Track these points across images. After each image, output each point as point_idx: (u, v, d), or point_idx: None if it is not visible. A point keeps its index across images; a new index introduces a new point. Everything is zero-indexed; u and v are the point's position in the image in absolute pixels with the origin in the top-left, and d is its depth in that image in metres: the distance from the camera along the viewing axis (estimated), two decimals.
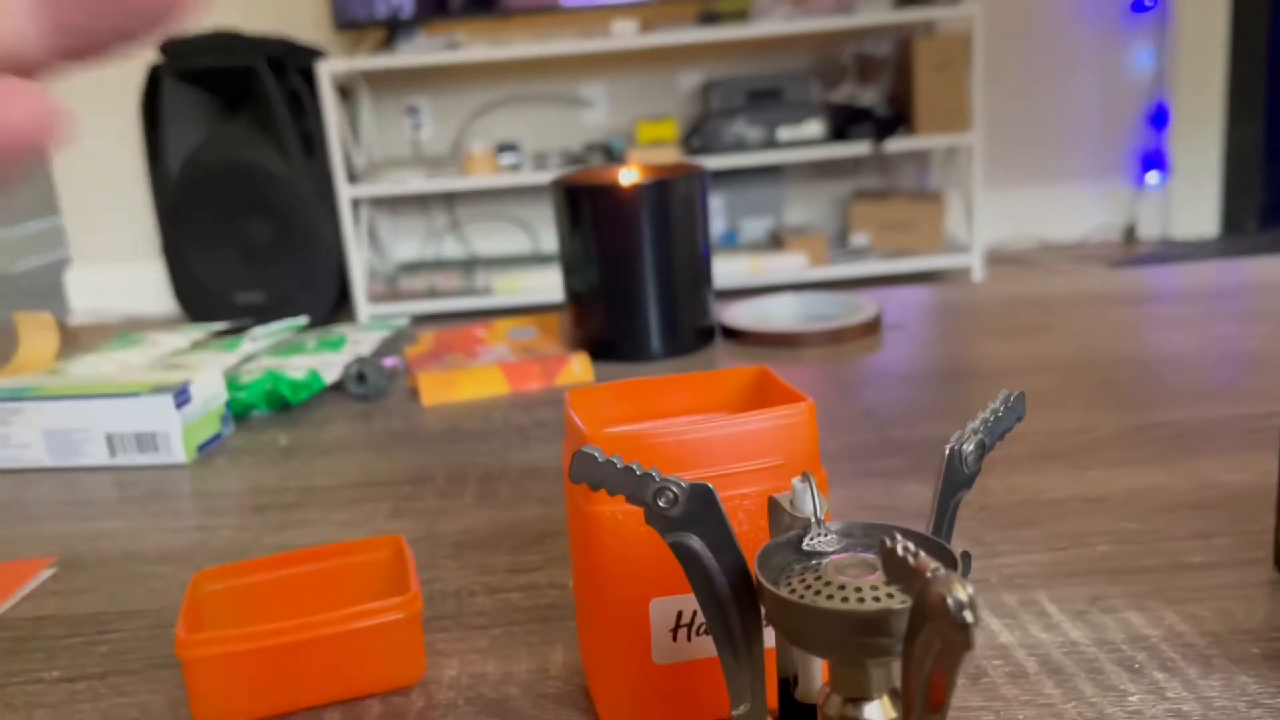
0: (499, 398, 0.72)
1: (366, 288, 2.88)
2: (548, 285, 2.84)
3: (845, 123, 2.97)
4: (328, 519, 0.54)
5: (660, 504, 0.26)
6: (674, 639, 0.34)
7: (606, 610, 0.33)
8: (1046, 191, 3.37)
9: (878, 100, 3.10)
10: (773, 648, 0.30)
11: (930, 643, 0.21)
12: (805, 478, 0.27)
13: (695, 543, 0.27)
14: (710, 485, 0.26)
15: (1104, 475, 0.51)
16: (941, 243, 3.09)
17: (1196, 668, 0.35)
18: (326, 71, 2.67)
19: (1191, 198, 3.35)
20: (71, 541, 0.53)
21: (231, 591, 0.41)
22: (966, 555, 0.25)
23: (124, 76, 3.15)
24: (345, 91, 3.03)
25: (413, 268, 3.10)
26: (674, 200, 0.76)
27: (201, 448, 0.63)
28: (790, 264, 2.91)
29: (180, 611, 0.37)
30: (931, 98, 2.95)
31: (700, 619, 0.33)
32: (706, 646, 0.34)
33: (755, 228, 3.24)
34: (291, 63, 2.77)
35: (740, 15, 2.95)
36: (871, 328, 0.81)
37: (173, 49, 2.72)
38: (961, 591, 0.20)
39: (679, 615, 0.33)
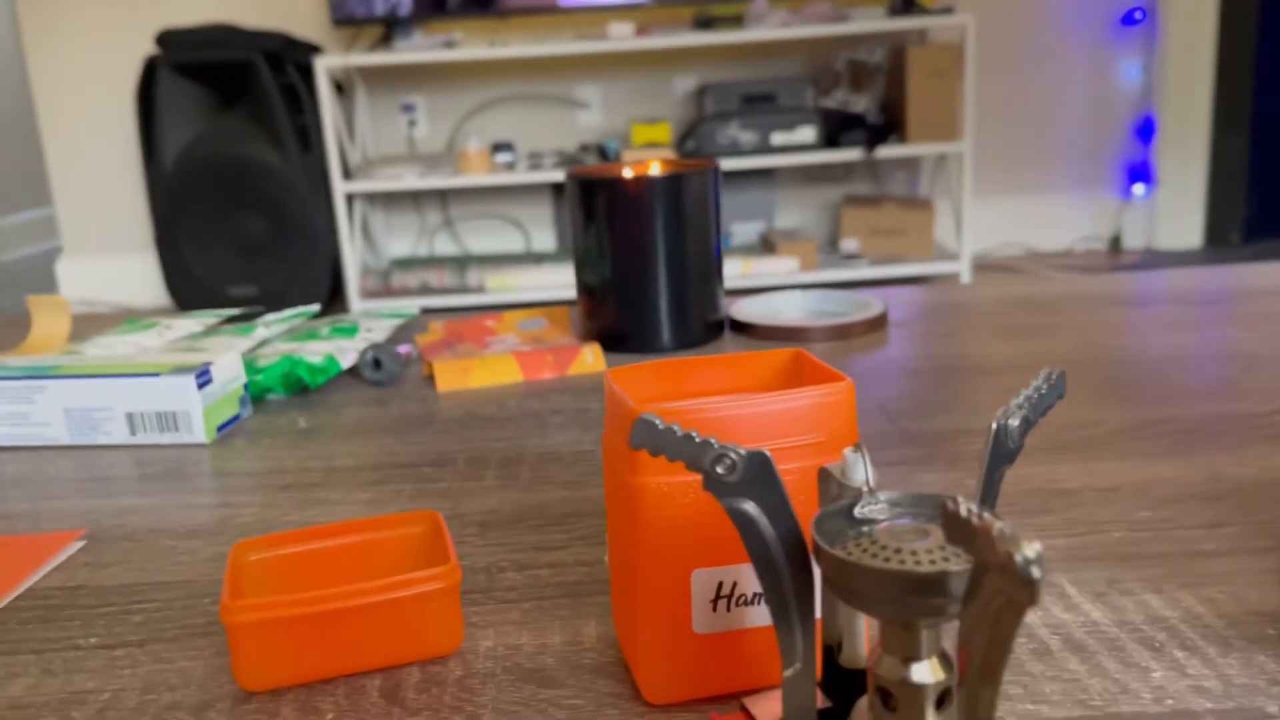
0: (512, 386, 0.73)
1: (360, 283, 2.88)
2: (540, 284, 2.85)
3: (838, 128, 2.99)
4: (352, 498, 0.55)
5: (719, 470, 0.27)
6: (714, 609, 0.34)
7: (648, 581, 0.34)
8: (1034, 201, 3.40)
9: (870, 107, 3.12)
10: (819, 617, 0.31)
11: (990, 602, 0.22)
12: (857, 448, 0.28)
13: (752, 508, 0.28)
14: (767, 452, 0.27)
15: (1114, 467, 0.53)
16: (931, 249, 3.11)
17: (1215, 647, 0.37)
18: (323, 67, 2.67)
19: (1176, 210, 3.39)
20: (97, 517, 0.54)
21: (270, 562, 0.41)
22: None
23: (120, 68, 3.14)
24: (341, 87, 3.03)
25: (406, 264, 3.10)
26: (688, 194, 0.77)
27: (221, 428, 0.64)
28: (781, 268, 2.93)
29: (225, 578, 0.38)
30: (923, 106, 2.98)
31: (740, 590, 0.34)
32: (745, 617, 0.35)
33: (746, 231, 3.26)
34: (289, 57, 2.77)
35: (736, 20, 2.97)
36: (878, 324, 0.83)
37: (170, 41, 2.72)
38: (1028, 547, 0.21)
39: (719, 586, 0.34)
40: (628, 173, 0.78)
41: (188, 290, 2.80)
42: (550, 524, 0.50)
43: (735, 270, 2.90)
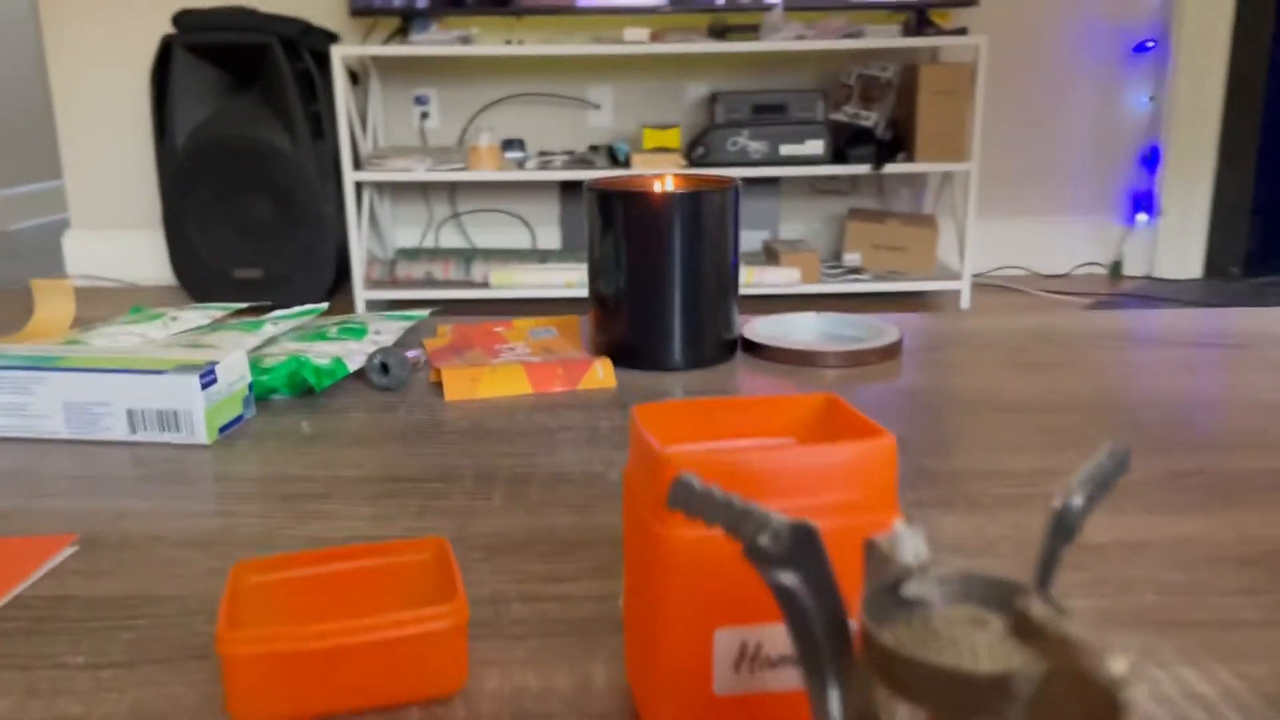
0: (521, 397, 0.72)
1: (365, 272, 2.86)
2: (544, 281, 2.83)
3: (846, 142, 2.98)
4: (354, 512, 0.53)
5: (762, 541, 0.26)
6: (736, 671, 0.33)
7: (670, 636, 0.33)
8: (1037, 223, 3.40)
9: (879, 122, 3.11)
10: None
11: (1064, 712, 0.21)
12: (909, 521, 0.27)
13: (793, 581, 0.26)
14: (813, 526, 0.26)
15: (1142, 520, 0.51)
16: (933, 267, 3.10)
17: None
18: (339, 55, 2.65)
19: (1178, 240, 3.38)
20: (92, 520, 0.52)
21: (271, 585, 0.40)
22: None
23: (136, 45, 3.12)
24: (356, 77, 3.01)
25: (411, 254, 3.08)
26: (707, 211, 0.76)
27: (223, 429, 0.62)
28: (782, 278, 2.91)
29: (221, 604, 0.36)
30: (932, 123, 2.97)
31: (765, 651, 0.33)
32: (768, 680, 0.33)
33: (750, 239, 3.24)
34: (305, 43, 2.75)
35: (750, 30, 2.95)
36: (892, 352, 0.81)
37: (187, 22, 2.70)
38: (1116, 664, 0.19)
39: (744, 646, 0.33)
40: (648, 186, 0.77)
41: (193, 270, 2.78)
42: (559, 552, 0.49)
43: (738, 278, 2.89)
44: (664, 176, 0.80)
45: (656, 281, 0.76)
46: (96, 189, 3.23)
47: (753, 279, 2.89)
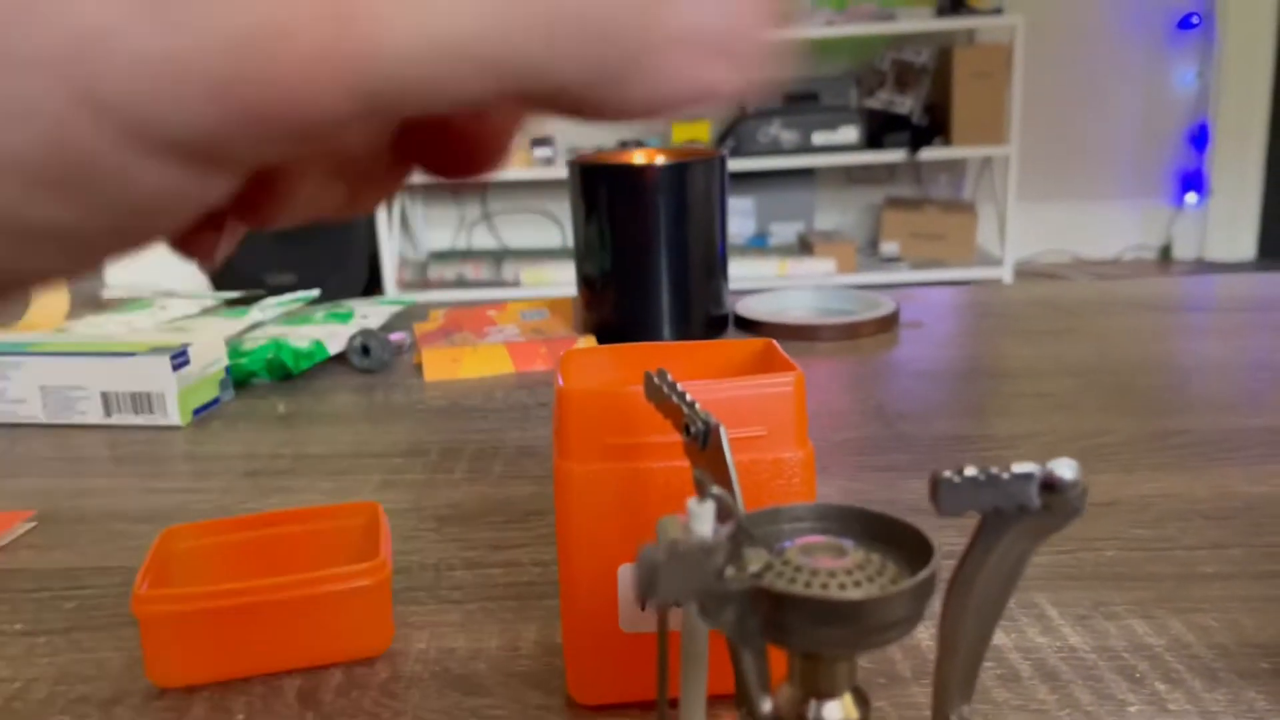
0: (503, 377, 0.71)
1: (397, 275, 2.89)
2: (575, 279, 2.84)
3: (881, 129, 2.94)
4: (315, 487, 0.53)
5: (693, 429, 0.25)
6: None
7: (572, 570, 0.32)
8: (1081, 208, 3.32)
9: (915, 108, 3.06)
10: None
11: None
12: (706, 497, 0.24)
13: (703, 476, 0.25)
14: (718, 423, 0.25)
15: (1116, 479, 0.49)
16: (972, 255, 3.05)
17: (1201, 680, 0.33)
18: None
19: (1229, 220, 3.29)
20: (54, 498, 0.52)
21: (200, 550, 0.39)
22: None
23: None
24: None
25: (443, 257, 3.10)
26: (692, 184, 0.75)
27: (198, 411, 0.62)
28: (819, 269, 2.89)
29: (143, 566, 0.36)
30: (969, 107, 2.91)
31: None
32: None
33: (785, 231, 3.22)
34: None
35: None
36: (887, 324, 0.79)
37: None
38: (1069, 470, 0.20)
39: None
40: (630, 160, 0.76)
41: (226, 276, 2.82)
42: (513, 521, 0.48)
43: (772, 271, 2.86)
44: (649, 151, 0.79)
45: (642, 257, 0.75)
46: None
47: (787, 271, 2.87)
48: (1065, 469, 0.20)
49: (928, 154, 2.89)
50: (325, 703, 0.34)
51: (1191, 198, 3.33)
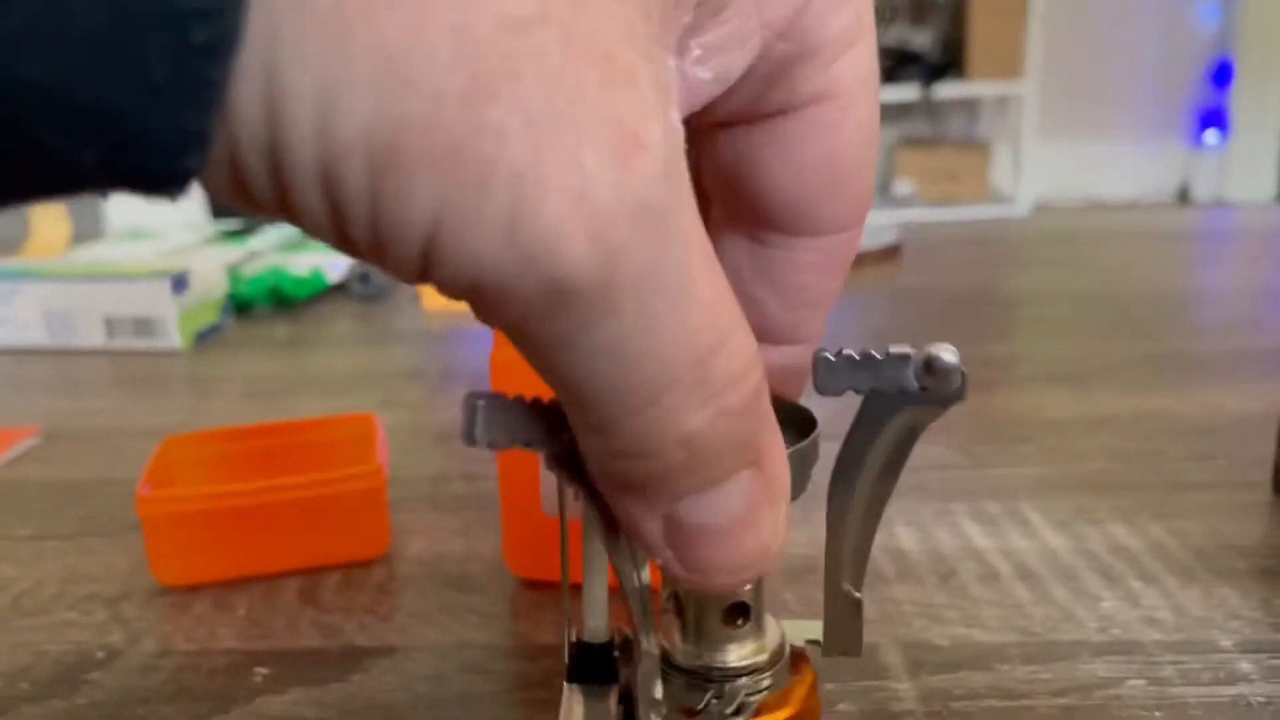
0: None
1: None
2: None
3: (895, 66, 2.90)
4: (316, 406, 0.54)
5: None
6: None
7: (501, 456, 0.34)
8: (1098, 147, 3.28)
9: (930, 44, 3.01)
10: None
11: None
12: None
13: None
14: None
15: (1110, 398, 0.50)
16: (987, 194, 3.02)
17: (1176, 578, 0.34)
18: None
19: (1251, 159, 3.24)
20: (59, 416, 0.53)
21: (199, 459, 0.40)
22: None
23: None
24: None
25: None
26: None
27: (200, 336, 0.63)
28: None
29: (145, 470, 0.37)
30: (985, 42, 2.87)
31: None
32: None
33: None
34: None
35: None
36: (889, 254, 0.79)
37: None
38: (948, 354, 0.19)
39: None
40: None
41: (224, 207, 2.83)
42: None
43: None
44: None
45: None
46: None
47: None
48: (945, 352, 0.20)
49: (942, 92, 2.85)
50: (324, 600, 0.35)
51: (1212, 135, 3.28)
